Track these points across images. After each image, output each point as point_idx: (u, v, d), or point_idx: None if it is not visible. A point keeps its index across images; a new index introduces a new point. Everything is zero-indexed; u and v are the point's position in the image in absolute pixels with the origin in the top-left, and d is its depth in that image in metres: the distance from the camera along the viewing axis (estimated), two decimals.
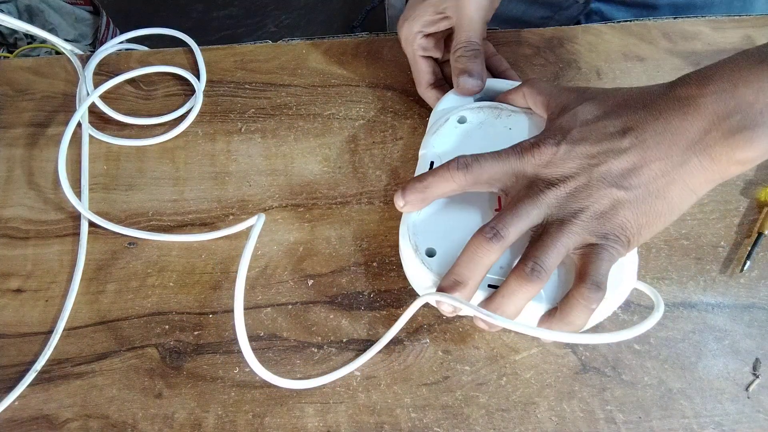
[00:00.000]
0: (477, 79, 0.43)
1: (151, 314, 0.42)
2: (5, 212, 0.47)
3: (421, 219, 0.38)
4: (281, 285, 0.43)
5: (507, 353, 0.39)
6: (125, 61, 0.54)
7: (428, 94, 0.47)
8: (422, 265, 0.36)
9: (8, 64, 0.54)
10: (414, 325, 0.41)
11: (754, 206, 0.44)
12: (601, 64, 0.50)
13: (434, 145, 0.41)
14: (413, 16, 0.45)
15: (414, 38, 0.45)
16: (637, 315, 0.40)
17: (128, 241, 0.45)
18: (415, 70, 0.47)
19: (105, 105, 0.50)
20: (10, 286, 0.44)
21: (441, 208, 0.38)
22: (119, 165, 0.48)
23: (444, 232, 0.37)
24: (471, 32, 0.43)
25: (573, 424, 0.37)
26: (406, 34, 0.46)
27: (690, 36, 0.52)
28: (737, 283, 0.41)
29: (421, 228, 0.38)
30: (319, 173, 0.47)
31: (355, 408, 0.38)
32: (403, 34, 0.46)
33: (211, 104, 0.51)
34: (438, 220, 0.38)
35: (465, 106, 0.43)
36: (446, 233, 0.37)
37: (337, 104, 0.50)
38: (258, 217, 0.42)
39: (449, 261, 0.36)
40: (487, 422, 0.37)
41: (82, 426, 0.38)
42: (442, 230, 0.37)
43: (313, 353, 0.40)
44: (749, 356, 0.39)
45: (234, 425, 0.38)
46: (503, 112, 0.42)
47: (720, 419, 0.37)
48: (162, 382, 0.40)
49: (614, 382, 0.38)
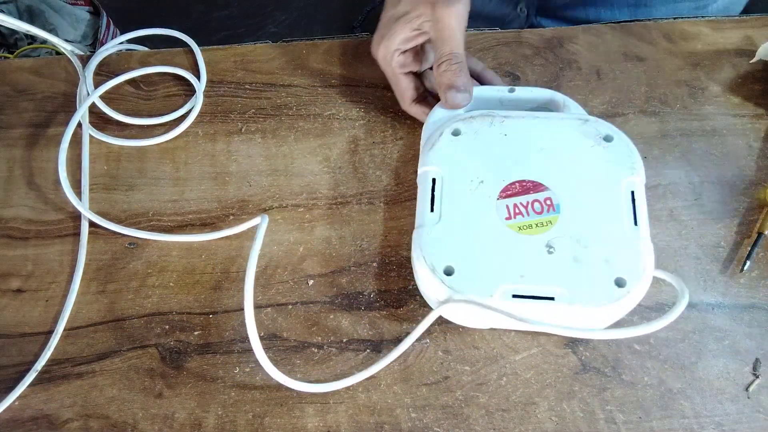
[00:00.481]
0: (464, 92, 0.42)
1: (151, 314, 0.42)
2: (6, 212, 0.47)
3: (432, 239, 0.37)
4: (281, 285, 0.43)
5: (507, 353, 0.39)
6: (125, 61, 0.54)
7: (413, 109, 0.47)
8: (443, 284, 0.36)
9: (9, 65, 0.54)
10: (414, 325, 0.40)
11: (754, 206, 0.44)
12: (601, 64, 0.50)
13: (434, 162, 0.40)
14: (389, 35, 0.44)
15: (392, 57, 0.45)
16: (637, 315, 0.40)
17: (128, 241, 0.45)
18: (397, 88, 0.47)
19: (105, 105, 0.50)
20: (11, 286, 0.44)
21: (450, 225, 0.38)
22: (119, 165, 0.49)
23: (459, 248, 0.37)
24: (453, 44, 0.42)
25: (573, 424, 0.37)
26: (384, 54, 0.45)
27: (690, 36, 0.52)
28: (737, 283, 0.41)
29: (434, 248, 0.37)
30: (319, 173, 0.47)
31: (355, 408, 0.38)
32: (380, 53, 0.45)
33: (212, 104, 0.51)
34: (450, 238, 0.37)
35: (456, 117, 0.42)
36: (461, 249, 0.37)
37: (337, 104, 0.50)
38: (262, 218, 0.42)
39: (470, 275, 0.36)
40: (487, 422, 0.37)
41: (83, 426, 0.38)
42: (457, 247, 0.37)
43: (313, 353, 0.40)
44: (749, 356, 0.39)
45: (234, 425, 0.38)
46: (495, 119, 0.42)
47: (720, 419, 0.37)
48: (162, 382, 0.40)
49: (614, 382, 0.38)
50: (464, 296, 0.35)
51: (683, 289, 0.35)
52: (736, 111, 0.48)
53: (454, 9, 0.41)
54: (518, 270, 0.36)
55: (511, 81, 0.50)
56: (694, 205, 0.44)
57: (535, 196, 0.38)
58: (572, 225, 0.37)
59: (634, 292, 0.35)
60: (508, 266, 0.36)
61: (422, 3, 0.42)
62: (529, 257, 0.36)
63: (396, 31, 0.43)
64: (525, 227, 0.37)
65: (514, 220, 0.38)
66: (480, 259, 0.36)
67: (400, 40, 0.44)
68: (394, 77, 0.46)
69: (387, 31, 0.44)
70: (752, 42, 0.51)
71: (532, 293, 0.35)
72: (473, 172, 0.40)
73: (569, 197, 0.38)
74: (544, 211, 0.38)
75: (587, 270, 0.35)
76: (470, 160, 0.40)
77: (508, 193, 0.39)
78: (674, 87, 0.49)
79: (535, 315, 0.35)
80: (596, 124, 0.41)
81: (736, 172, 0.45)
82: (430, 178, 0.40)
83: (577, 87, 0.49)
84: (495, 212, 0.38)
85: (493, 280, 0.36)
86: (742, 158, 0.45)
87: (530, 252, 0.36)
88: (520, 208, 0.38)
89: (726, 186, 0.44)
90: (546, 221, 0.37)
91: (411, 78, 0.46)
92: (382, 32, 0.45)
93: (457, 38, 0.42)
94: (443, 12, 0.41)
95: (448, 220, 0.38)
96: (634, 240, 0.36)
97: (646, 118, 0.48)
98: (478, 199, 0.38)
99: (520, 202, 0.38)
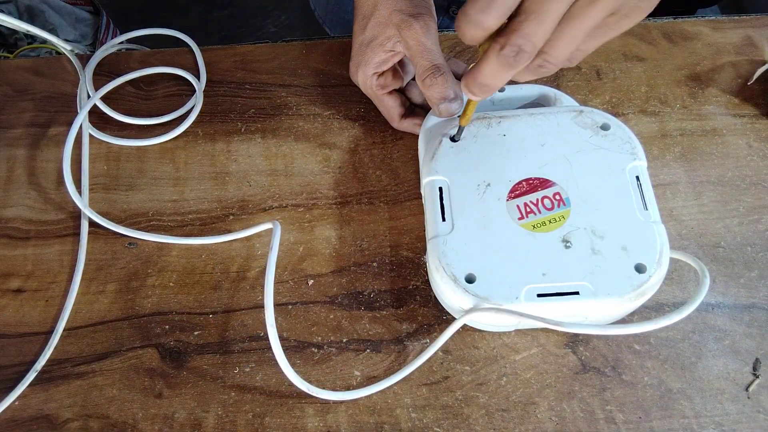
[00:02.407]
0: (455, 100, 0.41)
1: (151, 314, 0.42)
2: (6, 212, 0.47)
3: (449, 248, 0.37)
4: (281, 285, 0.43)
5: (507, 353, 0.39)
6: (125, 61, 0.54)
7: (404, 125, 0.47)
8: (467, 293, 0.36)
9: (8, 65, 0.54)
10: (414, 325, 0.41)
11: (754, 206, 0.44)
12: (601, 64, 0.50)
13: (437, 170, 0.40)
14: (364, 61, 0.44)
15: (372, 80, 0.45)
16: (636, 315, 0.40)
17: (128, 241, 0.45)
18: (383, 109, 0.47)
19: (105, 105, 0.50)
20: (11, 286, 0.44)
21: (465, 232, 0.38)
22: (119, 165, 0.49)
23: (477, 255, 0.37)
24: (430, 56, 0.40)
25: (573, 424, 0.37)
26: (363, 79, 0.45)
27: (690, 36, 0.52)
28: (737, 283, 0.41)
29: (452, 258, 0.37)
30: (319, 173, 0.47)
31: (355, 408, 0.38)
32: (360, 79, 0.45)
33: (211, 104, 0.51)
34: (467, 246, 0.37)
35: (452, 123, 0.42)
36: (480, 255, 0.37)
37: (337, 104, 0.50)
38: (274, 225, 0.42)
39: (493, 281, 0.35)
40: (487, 422, 0.37)
41: (82, 426, 0.38)
42: (475, 254, 0.37)
43: (313, 353, 0.40)
44: (749, 356, 0.39)
45: (234, 425, 0.38)
46: (492, 120, 0.42)
47: (720, 419, 0.37)
48: (162, 382, 0.40)
49: (614, 382, 0.38)
50: (491, 303, 0.35)
51: (703, 268, 0.36)
52: (736, 111, 0.48)
53: (419, 25, 0.40)
54: (539, 269, 0.36)
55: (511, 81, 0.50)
56: (694, 205, 0.44)
57: (543, 192, 0.38)
58: (584, 217, 0.37)
59: (655, 276, 0.35)
60: (528, 266, 0.36)
61: (387, 25, 0.41)
62: (547, 255, 0.36)
63: (369, 56, 0.43)
64: (539, 225, 0.37)
65: (526, 219, 0.38)
66: (500, 263, 0.36)
67: (375, 64, 0.44)
68: (377, 99, 0.46)
69: (362, 58, 0.44)
70: (752, 42, 0.51)
71: (556, 290, 0.35)
72: (479, 176, 0.39)
73: (577, 190, 0.38)
74: (555, 206, 0.38)
75: (607, 260, 0.36)
76: (474, 164, 0.40)
77: (517, 193, 0.39)
78: (674, 87, 0.49)
79: (563, 312, 0.35)
80: (591, 114, 0.41)
81: (736, 172, 0.45)
82: (436, 187, 0.40)
83: (577, 87, 0.49)
84: (507, 214, 0.38)
85: (517, 282, 0.35)
86: (742, 158, 0.45)
87: (548, 249, 0.36)
88: (531, 207, 0.38)
89: (726, 186, 0.44)
90: (558, 216, 0.37)
91: (395, 96, 0.46)
92: (357, 59, 0.45)
93: (432, 50, 0.40)
94: (409, 32, 0.40)
95: (461, 227, 0.38)
96: (646, 224, 0.37)
97: (646, 118, 0.48)
98: (488, 202, 0.38)
99: (529, 200, 0.38)
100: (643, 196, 0.38)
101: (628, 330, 0.34)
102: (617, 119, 0.41)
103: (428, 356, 0.38)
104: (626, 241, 0.36)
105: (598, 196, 0.38)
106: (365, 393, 0.38)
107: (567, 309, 0.35)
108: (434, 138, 0.42)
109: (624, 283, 0.35)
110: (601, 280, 0.35)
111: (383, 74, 0.45)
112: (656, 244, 0.36)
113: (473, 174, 0.40)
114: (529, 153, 0.40)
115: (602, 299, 0.35)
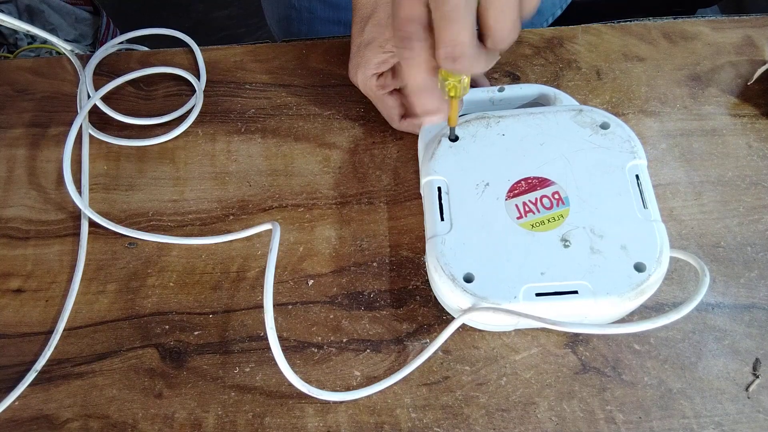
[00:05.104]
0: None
1: (151, 314, 0.42)
2: (6, 212, 0.47)
3: (447, 248, 0.37)
4: (281, 285, 0.43)
5: (507, 353, 0.39)
6: (125, 61, 0.54)
7: (404, 125, 0.47)
8: (465, 293, 0.36)
9: (8, 65, 0.54)
10: (414, 325, 0.41)
11: (754, 206, 0.44)
12: (601, 64, 0.50)
13: (436, 170, 0.40)
14: (363, 62, 0.44)
15: (371, 82, 0.45)
16: (636, 315, 0.40)
17: (128, 241, 0.45)
18: (383, 109, 0.47)
19: (105, 105, 0.50)
20: (11, 286, 0.44)
21: (463, 232, 0.38)
22: (119, 165, 0.49)
23: (475, 254, 0.37)
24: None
25: (573, 424, 0.37)
26: (363, 80, 0.45)
27: (690, 36, 0.52)
28: (737, 283, 0.41)
29: (451, 257, 0.37)
30: (319, 173, 0.47)
31: (355, 408, 0.38)
32: (359, 80, 0.45)
33: (211, 104, 0.51)
34: (465, 245, 0.37)
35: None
36: (478, 255, 0.37)
37: (337, 104, 0.50)
38: (273, 226, 0.42)
39: (492, 280, 0.36)
40: (487, 422, 0.37)
41: (82, 426, 0.38)
42: (473, 253, 0.37)
43: (313, 353, 0.40)
44: (749, 356, 0.39)
45: (234, 425, 0.38)
46: (491, 120, 0.42)
47: (720, 419, 0.37)
48: (162, 382, 0.40)
49: (614, 382, 0.38)
50: (490, 302, 0.35)
51: (702, 266, 0.35)
52: (736, 111, 0.48)
53: None
54: (538, 268, 0.36)
55: (511, 81, 0.50)
56: (694, 205, 0.44)
57: (542, 191, 0.38)
58: (583, 216, 0.37)
59: (655, 275, 0.35)
60: (527, 266, 0.36)
61: (386, 27, 0.42)
62: (546, 254, 0.36)
63: (368, 57, 0.44)
64: (537, 224, 0.37)
65: (525, 218, 0.38)
66: (498, 263, 0.36)
67: (374, 65, 0.44)
68: (377, 99, 0.46)
69: (360, 59, 0.44)
70: (752, 42, 0.51)
71: (555, 290, 0.35)
72: (478, 176, 0.39)
73: (576, 189, 0.38)
74: (554, 205, 0.38)
75: (606, 259, 0.36)
76: (472, 164, 0.40)
77: (516, 192, 0.39)
78: (674, 87, 0.49)
79: (561, 311, 0.35)
80: (591, 113, 0.41)
81: (736, 172, 0.45)
82: (435, 187, 0.40)
83: (577, 87, 0.49)
84: (506, 213, 0.38)
85: (516, 281, 0.35)
86: (742, 158, 0.45)
87: (547, 248, 0.36)
88: (530, 206, 0.38)
89: (726, 186, 0.44)
90: (557, 215, 0.37)
91: (395, 96, 0.46)
92: (356, 60, 0.45)
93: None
94: None
95: (460, 227, 0.38)
96: (646, 223, 0.37)
97: (646, 118, 0.48)
98: (487, 202, 0.38)
99: (528, 199, 0.38)
100: (642, 195, 0.38)
101: (627, 329, 0.34)
102: (618, 118, 0.41)
103: (428, 356, 0.38)
104: (626, 240, 0.36)
105: (597, 195, 0.38)
106: (365, 393, 0.38)
107: (566, 308, 0.35)
108: (434, 138, 0.42)
109: (623, 282, 0.35)
110: (601, 279, 0.35)
111: (383, 74, 0.45)
112: (656, 243, 0.36)
113: (472, 173, 0.40)
114: (528, 152, 0.40)
115: (601, 298, 0.35)
